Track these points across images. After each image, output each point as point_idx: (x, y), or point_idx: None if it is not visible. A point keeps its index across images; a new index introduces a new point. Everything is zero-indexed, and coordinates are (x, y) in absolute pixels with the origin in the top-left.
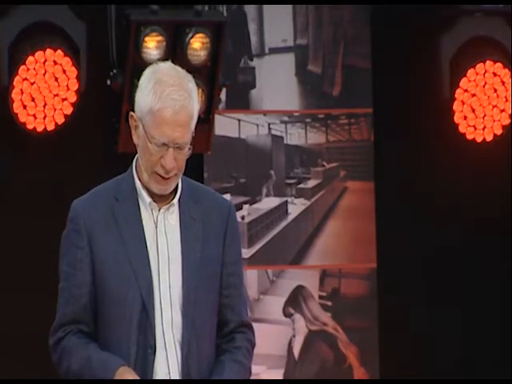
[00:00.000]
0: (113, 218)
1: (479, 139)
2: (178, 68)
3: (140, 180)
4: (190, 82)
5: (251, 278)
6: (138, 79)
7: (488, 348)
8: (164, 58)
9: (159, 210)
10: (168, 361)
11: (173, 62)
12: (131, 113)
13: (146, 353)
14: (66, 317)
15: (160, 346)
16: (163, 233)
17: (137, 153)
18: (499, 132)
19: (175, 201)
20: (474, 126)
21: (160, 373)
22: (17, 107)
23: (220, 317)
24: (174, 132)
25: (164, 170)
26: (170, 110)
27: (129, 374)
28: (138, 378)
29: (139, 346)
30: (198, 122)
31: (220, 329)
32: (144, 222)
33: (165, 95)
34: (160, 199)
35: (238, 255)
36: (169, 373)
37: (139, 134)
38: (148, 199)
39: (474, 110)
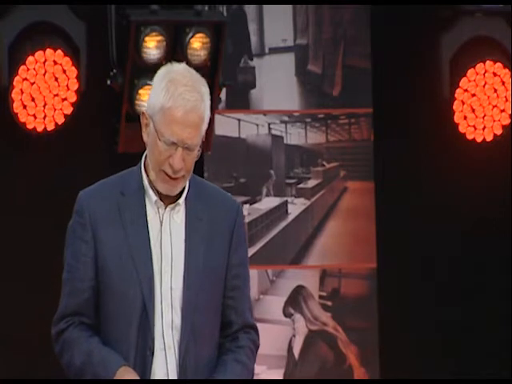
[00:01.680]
0: (118, 213)
1: (479, 139)
2: (193, 71)
3: (148, 178)
4: (203, 86)
5: (251, 277)
6: (138, 79)
7: (488, 348)
8: (164, 58)
9: (165, 209)
10: (167, 363)
11: (172, 62)
12: (143, 110)
13: (144, 355)
14: (69, 308)
15: (159, 348)
16: (168, 232)
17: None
18: (499, 132)
19: (181, 200)
20: (474, 126)
21: (158, 375)
22: (17, 107)
23: (223, 318)
24: (183, 132)
25: (172, 169)
26: (181, 109)
27: (129, 374)
28: (139, 377)
29: (138, 348)
30: None
31: (223, 330)
32: (149, 220)
33: (177, 94)
34: (166, 198)
35: (244, 257)
36: (167, 375)
37: (149, 131)
38: (154, 197)
39: (473, 110)
